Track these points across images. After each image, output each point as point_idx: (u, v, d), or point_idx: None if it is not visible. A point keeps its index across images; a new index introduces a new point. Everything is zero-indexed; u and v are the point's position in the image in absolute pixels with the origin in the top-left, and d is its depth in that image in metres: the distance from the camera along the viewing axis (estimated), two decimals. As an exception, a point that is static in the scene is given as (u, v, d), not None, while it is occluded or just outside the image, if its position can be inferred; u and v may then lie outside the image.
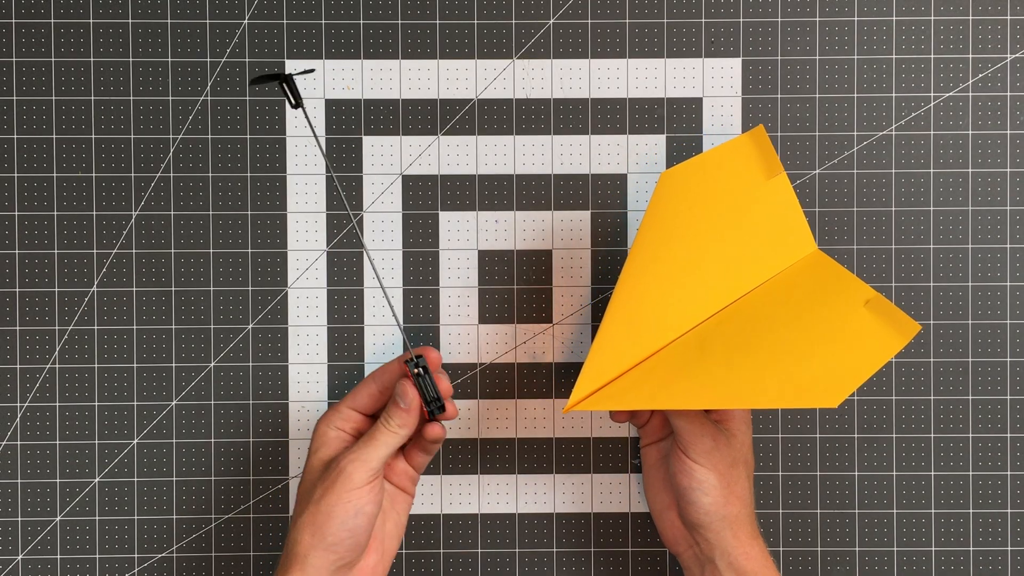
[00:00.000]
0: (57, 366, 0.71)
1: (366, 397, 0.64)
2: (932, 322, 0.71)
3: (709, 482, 0.62)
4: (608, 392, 0.60)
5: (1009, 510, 0.71)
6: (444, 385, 0.62)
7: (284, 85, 0.60)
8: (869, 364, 0.58)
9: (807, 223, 0.66)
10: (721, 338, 0.61)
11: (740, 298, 0.64)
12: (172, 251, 0.71)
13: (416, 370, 0.61)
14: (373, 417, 0.65)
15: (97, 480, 0.71)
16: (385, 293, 0.63)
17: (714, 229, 0.63)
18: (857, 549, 0.71)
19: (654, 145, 0.71)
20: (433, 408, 0.62)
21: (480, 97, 0.71)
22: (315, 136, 0.62)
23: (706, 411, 0.64)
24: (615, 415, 0.67)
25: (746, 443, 0.65)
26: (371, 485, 0.60)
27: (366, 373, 0.71)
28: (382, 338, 0.71)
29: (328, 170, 0.68)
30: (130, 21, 0.71)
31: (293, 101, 0.60)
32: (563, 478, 0.72)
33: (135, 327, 0.71)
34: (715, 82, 0.71)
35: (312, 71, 0.67)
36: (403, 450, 0.65)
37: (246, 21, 0.71)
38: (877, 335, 0.60)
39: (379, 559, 0.63)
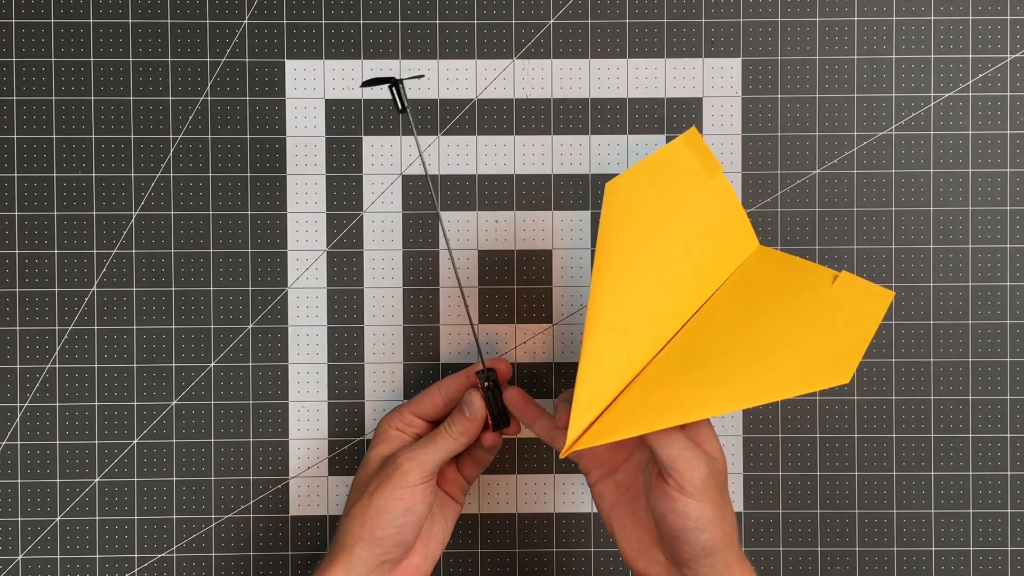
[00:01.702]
0: (57, 366, 0.71)
1: (429, 406, 0.65)
2: (932, 322, 0.71)
3: (705, 518, 0.56)
4: (604, 425, 0.58)
5: (1009, 510, 0.71)
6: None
7: (394, 89, 0.62)
8: (862, 335, 0.57)
9: (748, 219, 0.66)
10: (705, 345, 0.60)
11: (705, 303, 0.63)
12: (172, 251, 0.71)
13: (486, 383, 0.64)
14: (433, 424, 0.66)
15: (97, 480, 0.71)
16: (463, 297, 0.63)
17: (667, 237, 0.62)
18: (857, 549, 0.71)
19: (654, 145, 0.71)
20: (499, 422, 0.64)
21: (480, 97, 0.71)
22: (417, 145, 0.63)
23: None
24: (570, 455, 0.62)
25: (722, 459, 0.60)
26: (424, 486, 0.61)
27: (366, 373, 0.71)
28: (382, 338, 0.71)
29: (425, 172, 0.69)
30: (130, 21, 0.71)
31: (400, 105, 0.62)
32: (563, 478, 0.72)
33: (135, 327, 0.71)
34: (715, 82, 0.71)
35: (423, 76, 0.68)
36: (458, 460, 0.66)
37: (246, 21, 0.71)
38: (858, 308, 0.59)
39: (423, 561, 0.64)
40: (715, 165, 0.65)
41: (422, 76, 0.68)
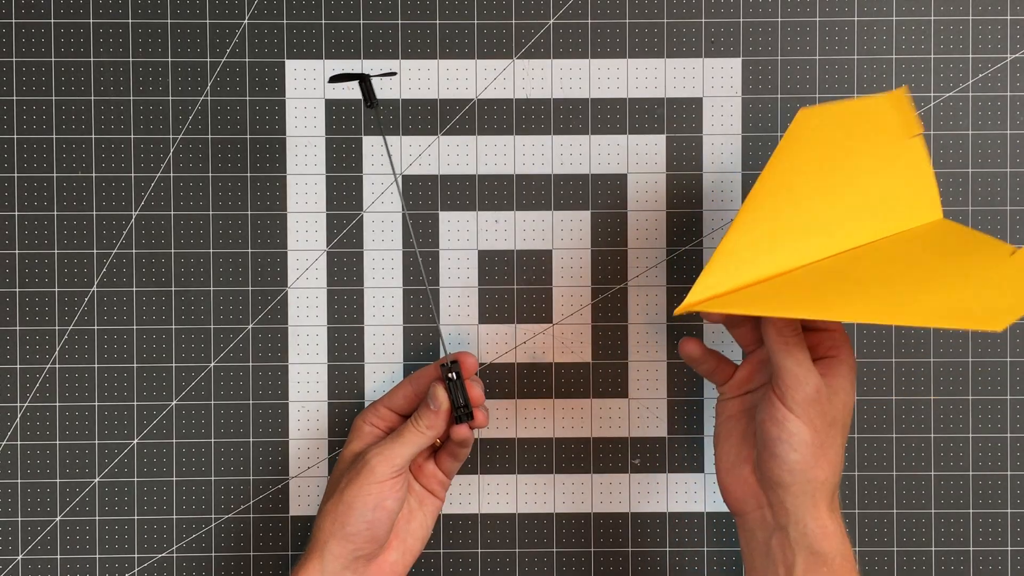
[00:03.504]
0: (57, 366, 0.71)
1: (401, 398, 0.66)
2: (932, 322, 0.71)
3: (800, 436, 0.57)
4: (737, 296, 0.57)
5: (1009, 510, 0.71)
6: (475, 392, 0.64)
7: (363, 85, 0.62)
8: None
9: (937, 188, 0.63)
10: (860, 267, 0.58)
11: (869, 244, 0.61)
12: (172, 251, 0.71)
13: (449, 375, 0.63)
14: (405, 418, 0.66)
15: (97, 480, 0.71)
16: (429, 292, 0.63)
17: (844, 177, 0.61)
18: (858, 549, 0.71)
19: (654, 145, 0.71)
20: (460, 414, 0.63)
21: (480, 97, 0.71)
22: (384, 139, 0.63)
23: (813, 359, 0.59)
24: (684, 345, 0.63)
25: (848, 404, 0.59)
26: (393, 481, 0.62)
27: (366, 373, 0.71)
28: (382, 338, 0.71)
29: (392, 170, 0.70)
30: (130, 21, 0.71)
31: (369, 101, 0.63)
32: (563, 478, 0.72)
33: (135, 327, 0.71)
34: (715, 82, 0.71)
35: (394, 74, 0.69)
36: (435, 454, 0.66)
37: (246, 21, 0.71)
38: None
39: (400, 557, 0.64)
40: (915, 127, 0.62)
41: (393, 74, 0.68)
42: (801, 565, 0.58)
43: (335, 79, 0.63)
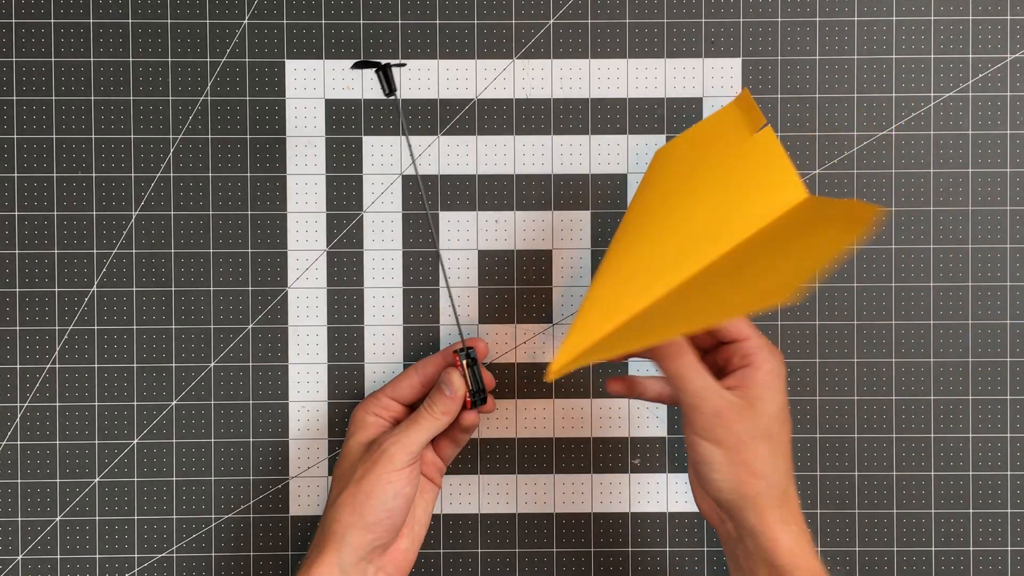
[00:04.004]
0: (57, 366, 0.71)
1: (407, 388, 0.66)
2: (932, 322, 0.71)
3: (714, 457, 0.56)
4: (590, 350, 0.55)
5: (1009, 510, 0.71)
6: (489, 377, 0.66)
7: (380, 73, 0.63)
8: (822, 256, 0.52)
9: (794, 170, 0.60)
10: (702, 277, 0.57)
11: (737, 246, 0.59)
12: (172, 251, 0.71)
13: (465, 360, 0.64)
14: (409, 407, 0.67)
15: (97, 480, 0.71)
16: (450, 290, 0.63)
17: (704, 190, 0.60)
18: (857, 549, 0.71)
19: (654, 145, 0.71)
20: (476, 399, 0.65)
21: (480, 97, 0.71)
22: (404, 130, 0.64)
23: (719, 378, 0.58)
24: (609, 386, 0.64)
25: (768, 412, 0.57)
26: (411, 468, 0.62)
27: (366, 373, 0.71)
28: (382, 338, 0.71)
29: (413, 163, 0.70)
30: (130, 21, 0.71)
31: (387, 90, 0.63)
32: (563, 478, 0.72)
33: (135, 327, 0.71)
34: (715, 82, 0.71)
35: (404, 64, 0.70)
36: (434, 441, 0.67)
37: (246, 21, 0.71)
38: (835, 230, 0.54)
39: (410, 544, 0.65)
40: (760, 120, 0.61)
41: (404, 65, 0.68)
42: None
43: (356, 66, 0.64)
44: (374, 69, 0.63)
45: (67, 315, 0.71)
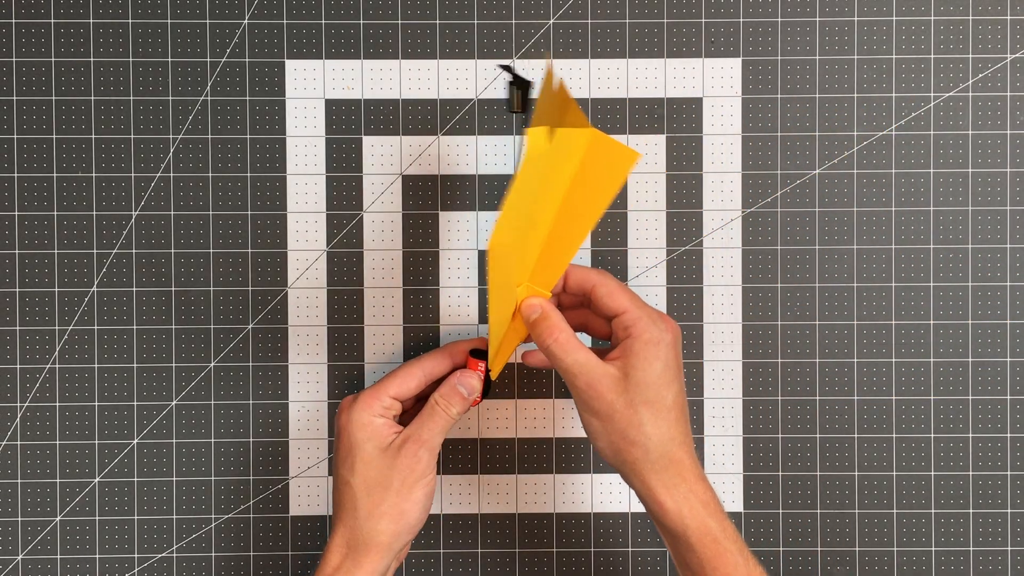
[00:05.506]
0: (57, 366, 0.71)
1: (414, 388, 0.65)
2: (932, 322, 0.71)
3: (593, 428, 0.60)
4: (501, 346, 0.63)
5: (1009, 510, 0.71)
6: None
7: (519, 90, 0.64)
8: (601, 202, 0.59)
9: (583, 116, 0.58)
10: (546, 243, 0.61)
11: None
12: (172, 251, 0.71)
13: (482, 362, 0.64)
14: (413, 402, 0.66)
15: (97, 480, 0.71)
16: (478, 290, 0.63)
17: (544, 193, 0.60)
18: (857, 549, 0.71)
19: (654, 145, 0.71)
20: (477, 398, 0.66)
21: (480, 97, 0.71)
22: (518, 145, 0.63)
23: (599, 350, 0.61)
24: (525, 358, 0.66)
25: (645, 380, 0.59)
26: (434, 467, 0.63)
27: (366, 373, 0.71)
28: (382, 338, 0.71)
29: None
30: (130, 21, 0.71)
31: (520, 107, 0.64)
32: (563, 478, 0.72)
33: (135, 327, 0.71)
34: (715, 82, 0.71)
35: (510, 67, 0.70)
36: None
37: (246, 21, 0.71)
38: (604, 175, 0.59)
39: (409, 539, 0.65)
40: (575, 108, 0.59)
41: (509, 68, 0.69)
42: (668, 544, 0.61)
43: (506, 68, 0.63)
44: (512, 82, 0.62)
45: (67, 315, 0.71)
